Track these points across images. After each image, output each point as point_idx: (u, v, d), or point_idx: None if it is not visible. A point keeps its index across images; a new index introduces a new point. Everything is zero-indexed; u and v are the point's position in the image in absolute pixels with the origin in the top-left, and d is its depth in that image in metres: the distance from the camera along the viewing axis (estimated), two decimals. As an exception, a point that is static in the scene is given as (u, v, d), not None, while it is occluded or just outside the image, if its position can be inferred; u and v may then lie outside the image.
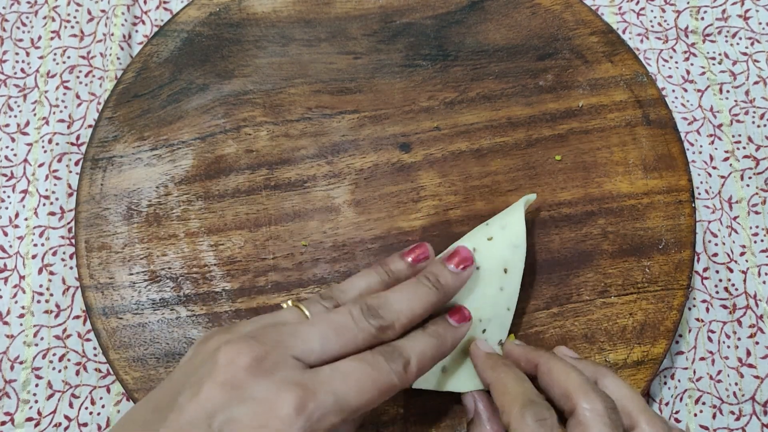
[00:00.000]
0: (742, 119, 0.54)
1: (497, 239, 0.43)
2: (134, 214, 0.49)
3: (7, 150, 0.54)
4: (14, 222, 0.52)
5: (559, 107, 0.51)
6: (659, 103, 0.51)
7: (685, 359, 0.49)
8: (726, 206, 0.52)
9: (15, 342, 0.49)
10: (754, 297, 0.50)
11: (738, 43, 0.56)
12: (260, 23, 0.53)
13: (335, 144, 0.50)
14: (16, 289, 0.50)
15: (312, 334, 0.33)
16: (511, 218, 0.43)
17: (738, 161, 0.53)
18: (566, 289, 0.47)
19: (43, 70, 0.55)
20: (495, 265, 0.42)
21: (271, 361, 0.31)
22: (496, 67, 0.52)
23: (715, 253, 0.51)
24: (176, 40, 0.53)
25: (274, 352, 0.31)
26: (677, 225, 0.48)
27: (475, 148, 0.50)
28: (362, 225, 0.48)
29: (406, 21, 0.53)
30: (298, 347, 0.32)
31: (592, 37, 0.52)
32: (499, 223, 0.44)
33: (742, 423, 0.48)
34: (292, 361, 0.31)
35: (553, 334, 0.46)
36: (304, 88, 0.52)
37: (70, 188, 0.53)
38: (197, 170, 0.50)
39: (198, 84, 0.52)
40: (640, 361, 0.45)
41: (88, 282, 0.47)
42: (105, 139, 0.50)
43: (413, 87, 0.51)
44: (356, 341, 0.33)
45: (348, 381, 0.31)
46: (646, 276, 0.47)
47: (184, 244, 0.48)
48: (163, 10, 0.57)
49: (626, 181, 0.49)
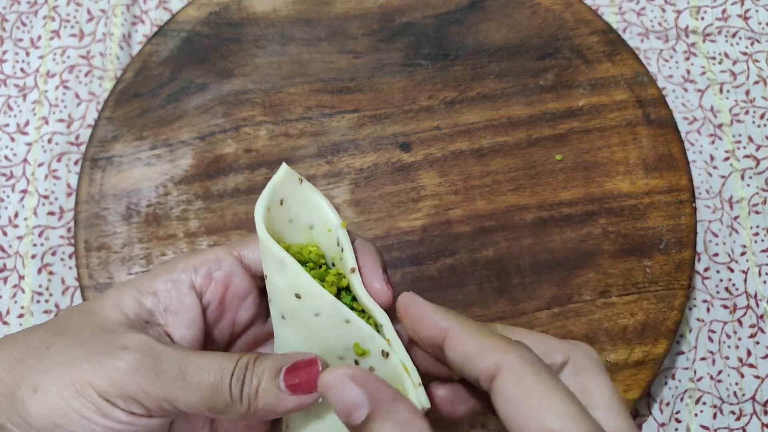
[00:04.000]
0: (743, 119, 0.54)
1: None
2: (133, 214, 0.49)
3: (7, 150, 0.53)
4: (14, 222, 0.52)
5: (559, 107, 0.51)
6: (660, 103, 0.51)
7: (686, 359, 0.49)
8: (726, 206, 0.52)
9: (14, 342, 0.49)
10: (754, 297, 0.50)
11: (738, 42, 0.56)
12: (260, 22, 0.53)
13: (335, 143, 0.50)
14: (15, 289, 0.50)
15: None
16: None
17: (738, 161, 0.53)
18: (567, 289, 0.47)
19: (43, 69, 0.55)
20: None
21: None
22: (496, 66, 0.52)
23: (715, 253, 0.51)
24: (176, 39, 0.53)
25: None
26: (678, 225, 0.48)
27: (476, 147, 0.50)
28: (362, 225, 0.48)
29: (406, 20, 0.53)
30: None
31: (592, 37, 0.52)
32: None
33: (743, 423, 0.48)
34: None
35: (553, 334, 0.46)
36: (303, 88, 0.51)
37: (69, 188, 0.52)
38: (196, 170, 0.50)
39: (197, 83, 0.52)
40: (641, 361, 0.45)
41: (87, 282, 0.47)
42: (104, 138, 0.50)
43: (413, 86, 0.51)
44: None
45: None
46: (646, 276, 0.47)
47: (184, 244, 0.48)
48: (163, 10, 0.57)
49: (627, 181, 0.49)
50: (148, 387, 0.29)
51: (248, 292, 0.35)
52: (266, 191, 0.33)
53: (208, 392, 0.30)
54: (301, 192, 0.34)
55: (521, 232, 0.48)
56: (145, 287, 0.33)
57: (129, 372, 0.29)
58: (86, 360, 0.30)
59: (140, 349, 0.30)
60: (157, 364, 0.30)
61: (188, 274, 0.34)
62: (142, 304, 0.33)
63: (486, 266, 0.47)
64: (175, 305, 0.33)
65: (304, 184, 0.34)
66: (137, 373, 0.29)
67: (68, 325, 0.32)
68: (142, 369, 0.30)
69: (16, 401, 0.29)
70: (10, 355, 0.31)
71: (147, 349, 0.30)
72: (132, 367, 0.29)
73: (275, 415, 0.31)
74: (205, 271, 0.34)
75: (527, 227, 0.48)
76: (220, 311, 0.35)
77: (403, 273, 0.47)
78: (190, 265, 0.34)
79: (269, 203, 0.33)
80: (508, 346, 0.28)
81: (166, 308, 0.33)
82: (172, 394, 0.30)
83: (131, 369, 0.29)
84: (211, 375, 0.30)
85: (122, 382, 0.29)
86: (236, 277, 0.35)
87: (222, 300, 0.34)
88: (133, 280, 0.34)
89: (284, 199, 0.34)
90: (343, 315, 0.31)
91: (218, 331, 0.35)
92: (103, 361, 0.30)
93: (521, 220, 0.48)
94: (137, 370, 0.29)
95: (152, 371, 0.30)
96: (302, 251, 0.34)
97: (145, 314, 0.33)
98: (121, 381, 0.29)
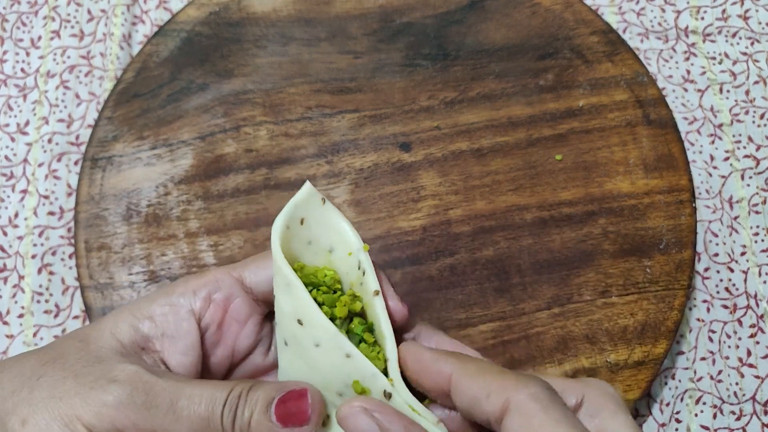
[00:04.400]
0: (743, 119, 0.54)
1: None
2: (134, 214, 0.49)
3: (7, 150, 0.53)
4: (14, 222, 0.52)
5: (559, 107, 0.51)
6: (659, 103, 0.51)
7: (686, 359, 0.49)
8: (726, 206, 0.52)
9: (15, 342, 0.49)
10: (754, 297, 0.50)
11: (738, 43, 0.56)
12: (260, 22, 0.53)
13: (335, 143, 0.50)
14: (15, 289, 0.50)
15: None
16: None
17: (738, 161, 0.53)
18: (567, 289, 0.47)
19: (43, 69, 0.55)
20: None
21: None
22: (496, 66, 0.52)
23: (715, 253, 0.51)
24: (176, 39, 0.53)
25: None
26: (678, 225, 0.48)
27: (476, 147, 0.50)
28: (362, 225, 0.48)
29: (406, 20, 0.53)
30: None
31: (592, 37, 0.52)
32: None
33: (743, 423, 0.48)
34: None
35: (554, 334, 0.46)
36: (304, 88, 0.51)
37: (69, 188, 0.52)
38: (197, 170, 0.50)
39: (198, 83, 0.52)
40: (641, 362, 0.45)
41: (87, 282, 0.47)
42: (104, 138, 0.50)
43: (413, 86, 0.51)
44: None
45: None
46: (647, 276, 0.47)
47: (184, 244, 0.48)
48: (163, 10, 0.57)
49: (627, 181, 0.49)
50: (137, 421, 0.29)
51: (248, 316, 0.34)
52: (287, 208, 0.32)
53: (200, 424, 0.29)
54: (322, 213, 0.33)
55: (521, 232, 0.48)
56: (142, 312, 0.32)
57: (118, 406, 0.29)
58: (75, 393, 0.29)
59: (130, 382, 0.30)
60: (148, 398, 0.29)
61: (187, 299, 0.33)
62: (138, 330, 0.32)
63: (486, 266, 0.47)
64: (172, 330, 0.32)
65: (327, 205, 0.33)
66: (126, 408, 0.29)
67: (61, 355, 0.31)
68: (132, 403, 0.29)
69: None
70: (1, 384, 0.30)
71: (137, 381, 0.30)
72: (121, 401, 0.29)
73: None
74: (204, 294, 0.33)
75: (527, 227, 0.48)
76: (218, 336, 0.34)
77: (403, 273, 0.47)
78: (188, 288, 0.33)
79: (289, 221, 0.32)
80: (518, 382, 0.27)
81: (163, 333, 0.32)
82: (162, 428, 0.29)
83: (120, 403, 0.29)
84: (202, 406, 0.29)
85: (111, 417, 0.29)
86: (237, 299, 0.34)
87: (221, 324, 0.34)
88: (130, 304, 0.33)
89: (305, 219, 0.33)
90: (344, 349, 0.30)
91: (216, 358, 0.34)
92: (92, 395, 0.29)
93: (521, 220, 0.48)
94: (126, 404, 0.29)
95: (142, 405, 0.29)
96: (317, 274, 0.33)
97: (141, 341, 0.32)
98: (109, 415, 0.29)
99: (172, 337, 0.32)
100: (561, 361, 0.45)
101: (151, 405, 0.29)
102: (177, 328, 0.32)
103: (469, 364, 0.29)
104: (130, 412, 0.29)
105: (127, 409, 0.29)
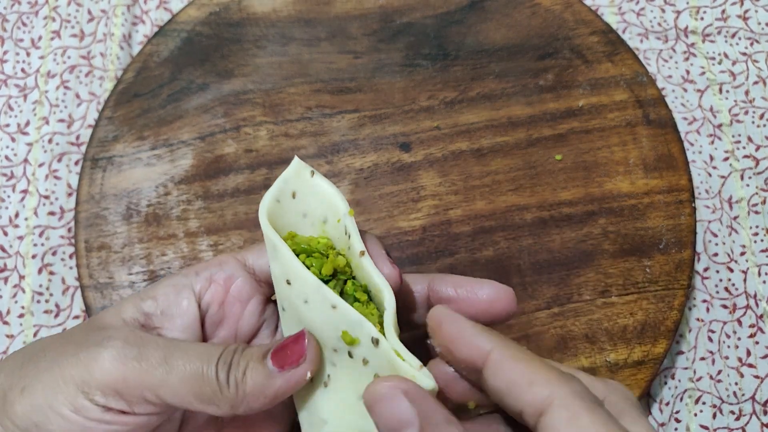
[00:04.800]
0: (742, 119, 0.54)
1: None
2: (134, 214, 0.49)
3: (8, 150, 0.54)
4: (14, 222, 0.52)
5: (559, 107, 0.51)
6: (659, 103, 0.51)
7: (686, 359, 0.49)
8: (726, 206, 0.52)
9: (15, 342, 0.49)
10: (754, 297, 0.50)
11: (737, 43, 0.56)
12: (260, 23, 0.53)
13: (335, 143, 0.50)
14: (15, 289, 0.50)
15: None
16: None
17: (738, 161, 0.53)
18: (567, 288, 0.47)
19: (44, 70, 0.55)
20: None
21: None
22: (496, 66, 0.52)
23: (715, 253, 0.51)
24: (176, 39, 0.53)
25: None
26: (677, 225, 0.48)
27: (476, 147, 0.50)
28: (362, 225, 0.48)
29: (406, 20, 0.53)
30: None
31: (592, 37, 0.52)
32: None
33: (742, 423, 0.48)
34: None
35: (553, 334, 0.46)
36: (304, 88, 0.52)
37: (69, 188, 0.53)
38: (197, 170, 0.50)
39: (198, 83, 0.52)
40: (640, 361, 0.45)
41: (87, 282, 0.47)
42: (105, 138, 0.50)
43: (413, 86, 0.51)
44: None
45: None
46: (646, 276, 0.47)
47: (184, 244, 0.48)
48: (163, 10, 0.57)
49: (627, 181, 0.49)
50: (128, 374, 0.28)
51: (250, 295, 0.34)
52: (276, 183, 0.33)
53: (194, 378, 0.29)
54: (313, 185, 0.33)
55: (521, 232, 0.48)
56: (147, 293, 0.33)
57: (109, 359, 0.28)
58: (71, 356, 0.29)
59: (123, 337, 0.29)
60: (140, 351, 0.29)
61: (189, 278, 0.33)
62: (139, 308, 0.32)
63: (486, 266, 0.47)
64: (172, 308, 0.32)
65: (316, 176, 0.33)
66: (117, 360, 0.28)
67: (70, 333, 0.32)
68: (123, 356, 0.29)
69: (7, 403, 0.29)
70: (13, 363, 0.31)
71: (131, 336, 0.30)
72: (113, 355, 0.29)
73: (264, 400, 0.29)
74: (206, 275, 0.33)
75: (527, 227, 0.48)
76: (220, 316, 0.34)
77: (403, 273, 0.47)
78: (191, 270, 0.33)
79: (279, 195, 0.33)
80: (561, 378, 0.25)
81: (163, 311, 0.32)
82: (154, 382, 0.29)
83: (111, 356, 0.29)
84: (196, 361, 0.29)
85: (102, 371, 0.28)
86: (238, 279, 0.34)
87: (222, 303, 0.34)
88: (140, 291, 0.34)
89: (296, 192, 0.33)
90: (329, 300, 0.30)
91: (219, 339, 0.34)
92: (86, 354, 0.29)
93: (521, 220, 0.48)
94: (117, 357, 0.29)
95: (133, 357, 0.29)
96: (310, 242, 0.33)
97: (142, 317, 0.32)
98: (100, 370, 0.28)
99: (171, 315, 0.32)
100: (561, 360, 0.45)
101: (142, 358, 0.29)
102: (177, 306, 0.32)
103: (512, 347, 0.27)
104: (120, 364, 0.28)
105: (118, 361, 0.28)
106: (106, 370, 0.28)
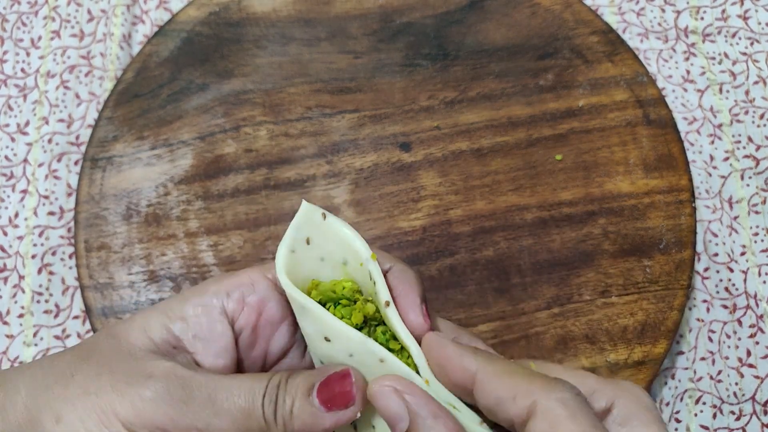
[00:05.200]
0: (742, 119, 0.54)
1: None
2: (133, 214, 0.49)
3: (7, 150, 0.53)
4: (14, 222, 0.52)
5: (559, 107, 0.51)
6: (659, 103, 0.51)
7: (686, 359, 0.49)
8: (726, 206, 0.52)
9: (15, 342, 0.49)
10: (754, 297, 0.50)
11: (738, 43, 0.56)
12: (260, 23, 0.53)
13: (335, 143, 0.50)
14: (15, 289, 0.50)
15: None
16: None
17: (738, 161, 0.53)
18: (567, 289, 0.47)
19: (43, 70, 0.55)
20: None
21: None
22: (496, 66, 0.52)
23: (715, 253, 0.51)
24: (176, 39, 0.53)
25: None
26: (678, 225, 0.48)
27: (476, 147, 0.50)
28: (362, 225, 0.48)
29: (406, 20, 0.53)
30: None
31: (592, 37, 0.52)
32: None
33: (743, 423, 0.48)
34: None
35: (553, 334, 0.46)
36: (304, 88, 0.51)
37: (69, 188, 0.52)
38: (197, 170, 0.50)
39: (198, 83, 0.52)
40: (641, 362, 0.45)
41: (87, 282, 0.47)
42: (105, 138, 0.50)
43: (413, 86, 0.51)
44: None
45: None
46: (646, 276, 0.47)
47: (184, 244, 0.48)
48: (163, 10, 0.57)
49: (627, 181, 0.49)
50: (176, 416, 0.28)
51: (283, 318, 0.33)
52: (288, 232, 0.31)
53: (241, 416, 0.28)
54: (327, 228, 0.32)
55: (521, 232, 0.48)
56: (174, 312, 0.31)
57: (155, 401, 0.28)
58: (111, 389, 0.29)
59: (166, 377, 0.29)
60: (185, 392, 0.29)
61: (220, 299, 0.32)
62: (169, 330, 0.31)
63: (486, 266, 0.47)
64: (205, 332, 0.31)
65: (329, 218, 0.32)
66: (164, 402, 0.28)
67: (94, 351, 0.31)
68: (169, 398, 0.28)
69: (39, 430, 0.28)
70: (35, 381, 0.30)
71: (173, 376, 0.29)
72: (159, 396, 0.28)
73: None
74: (237, 295, 0.32)
75: (527, 227, 0.48)
76: (252, 338, 0.33)
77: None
78: (222, 289, 0.32)
79: (293, 244, 0.31)
80: (545, 385, 0.26)
81: (195, 335, 0.31)
82: (202, 422, 0.28)
83: (158, 398, 0.28)
84: (241, 398, 0.29)
85: (149, 412, 0.28)
86: (270, 302, 0.33)
87: (255, 327, 0.33)
88: (161, 304, 0.32)
89: (310, 238, 0.32)
90: (376, 354, 0.29)
91: (250, 361, 0.33)
92: (128, 390, 0.28)
93: (521, 220, 0.48)
94: (164, 399, 0.28)
95: (179, 399, 0.28)
96: (335, 288, 0.32)
97: (173, 340, 0.31)
98: (147, 411, 0.28)
99: (206, 339, 0.31)
100: (561, 361, 0.45)
101: (188, 399, 0.28)
102: (210, 331, 0.31)
103: (496, 363, 0.28)
104: (168, 407, 0.28)
105: (165, 404, 0.28)
106: (153, 411, 0.28)
